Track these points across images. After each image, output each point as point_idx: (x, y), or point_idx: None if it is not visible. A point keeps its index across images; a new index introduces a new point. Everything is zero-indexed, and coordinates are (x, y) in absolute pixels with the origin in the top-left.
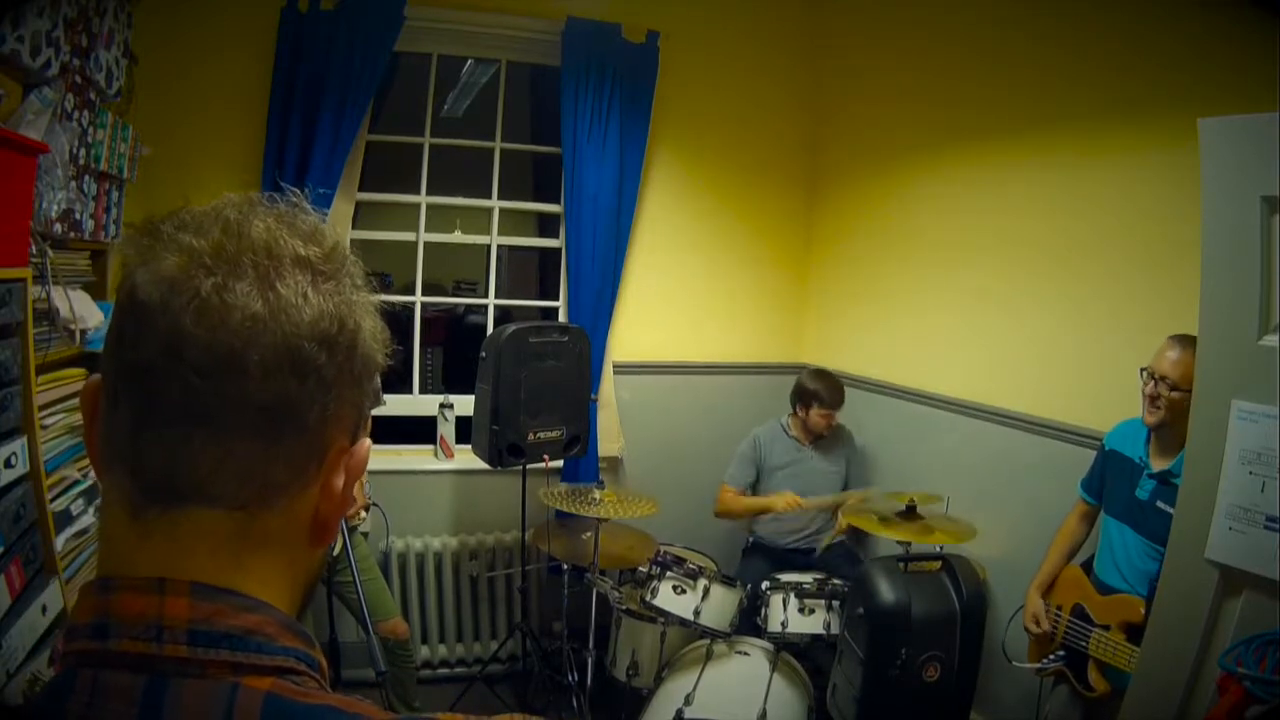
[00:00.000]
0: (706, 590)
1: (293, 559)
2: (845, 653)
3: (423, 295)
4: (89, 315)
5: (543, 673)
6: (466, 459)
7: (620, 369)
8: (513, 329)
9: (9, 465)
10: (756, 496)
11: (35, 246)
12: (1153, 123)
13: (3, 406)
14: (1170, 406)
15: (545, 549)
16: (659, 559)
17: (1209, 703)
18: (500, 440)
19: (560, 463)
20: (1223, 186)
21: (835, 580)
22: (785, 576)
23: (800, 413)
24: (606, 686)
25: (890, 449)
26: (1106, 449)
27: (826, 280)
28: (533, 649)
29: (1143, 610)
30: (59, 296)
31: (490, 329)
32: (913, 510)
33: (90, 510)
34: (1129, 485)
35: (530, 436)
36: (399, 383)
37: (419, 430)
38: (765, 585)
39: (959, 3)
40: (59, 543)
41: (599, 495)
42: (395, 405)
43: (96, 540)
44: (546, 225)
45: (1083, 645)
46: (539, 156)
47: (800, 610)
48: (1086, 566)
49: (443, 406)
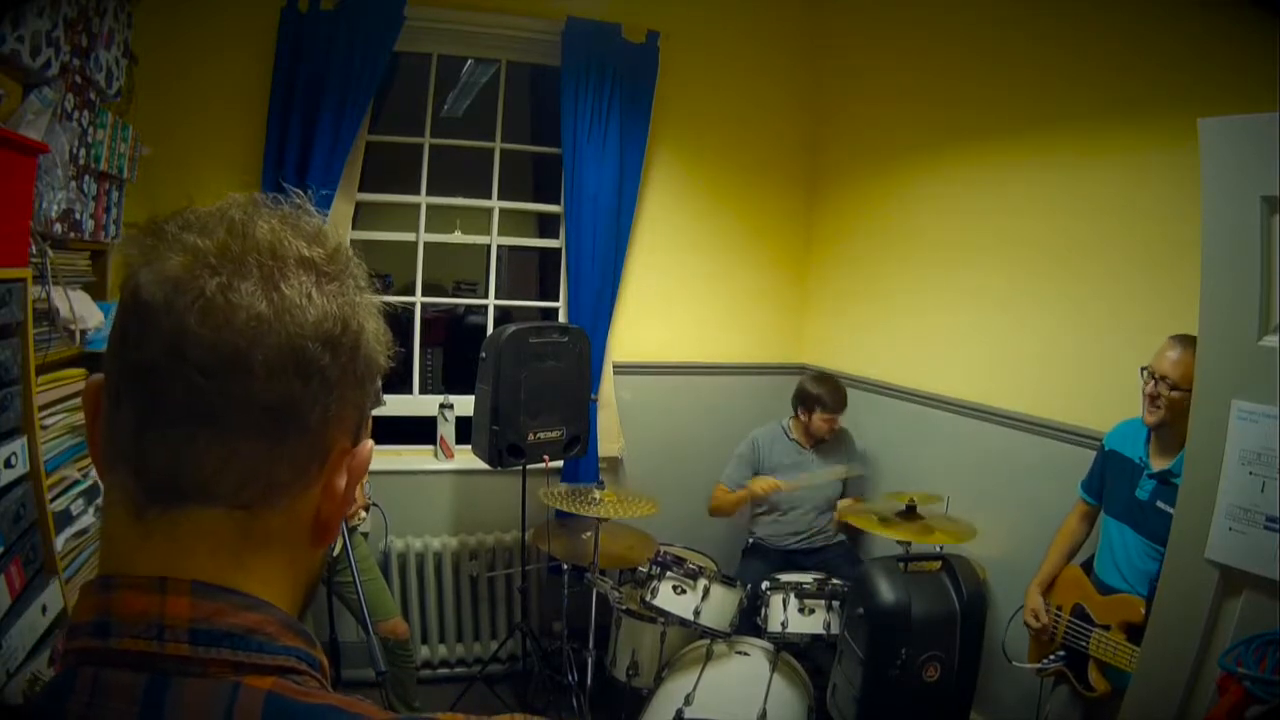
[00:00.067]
0: (706, 590)
1: (294, 558)
2: (845, 653)
3: (423, 296)
4: (89, 315)
5: (543, 673)
6: (466, 459)
7: (620, 369)
8: (513, 329)
9: (9, 465)
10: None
11: (35, 246)
12: (1153, 123)
13: (3, 406)
14: (1170, 406)
15: (545, 549)
16: (659, 559)
17: (1209, 703)
18: (500, 440)
19: (560, 463)
20: (1223, 186)
21: (835, 580)
22: (785, 576)
23: (803, 416)
24: (606, 686)
25: (890, 449)
26: (1106, 449)
27: (826, 280)
28: (533, 649)
29: (1143, 610)
30: (59, 296)
31: (490, 329)
32: (913, 510)
33: (90, 510)
34: (1129, 485)
35: (530, 437)
36: (399, 383)
37: (419, 430)
38: (765, 585)
39: (959, 3)
40: (59, 543)
41: (599, 495)
42: (395, 405)
43: (97, 540)
44: (546, 225)
45: (1083, 645)
46: (539, 156)
47: (800, 610)
48: (1087, 566)
49: (443, 407)
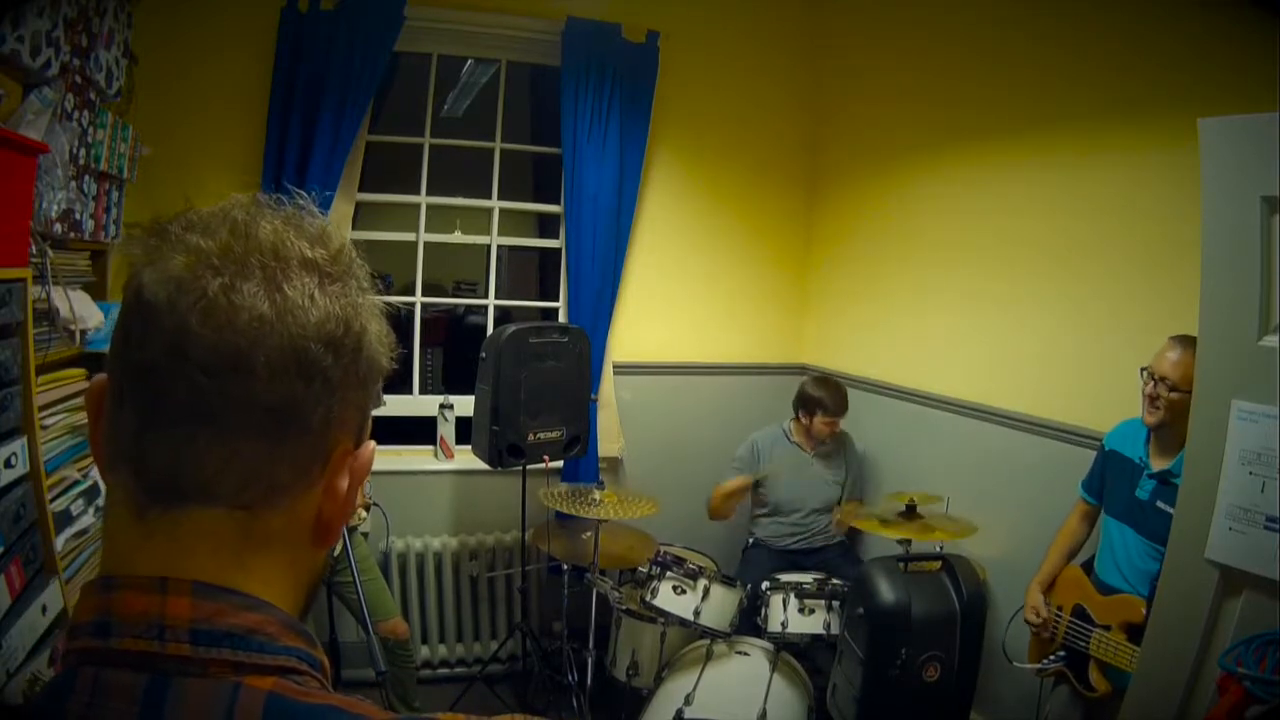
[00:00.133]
0: (706, 590)
1: (295, 559)
2: (845, 653)
3: (423, 296)
4: (89, 315)
5: (543, 673)
6: (466, 459)
7: (620, 369)
8: (513, 329)
9: (9, 465)
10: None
11: (35, 246)
12: (1153, 123)
13: (3, 406)
14: (1170, 407)
15: (545, 549)
16: (659, 559)
17: (1209, 703)
18: (500, 440)
19: (560, 463)
20: (1223, 186)
21: (835, 580)
22: (785, 576)
23: (804, 419)
24: (606, 686)
25: (890, 449)
26: (1106, 449)
27: (826, 280)
28: (533, 649)
29: (1143, 610)
30: (59, 296)
31: (490, 329)
32: (913, 510)
33: (90, 510)
34: (1129, 485)
35: (530, 437)
36: (399, 383)
37: (419, 430)
38: (765, 585)
39: (959, 3)
40: (59, 543)
41: (599, 495)
42: (395, 405)
43: (98, 540)
44: (546, 225)
45: (1083, 645)
46: (539, 156)
47: (800, 610)
48: (1087, 567)
49: (443, 407)
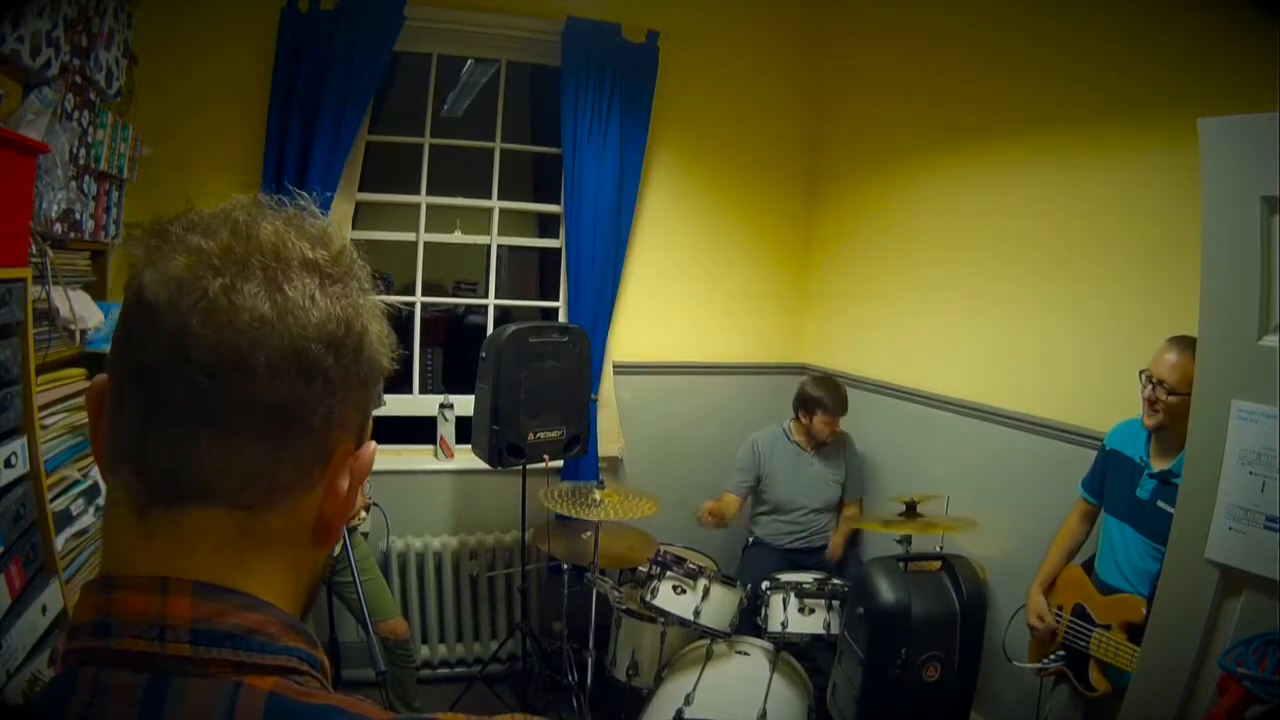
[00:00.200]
0: (706, 590)
1: (295, 559)
2: (845, 653)
3: (423, 295)
4: (89, 315)
5: (543, 673)
6: (466, 459)
7: (620, 369)
8: (513, 329)
9: (9, 465)
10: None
11: (35, 246)
12: (1153, 123)
13: (3, 406)
14: (1168, 410)
15: (545, 549)
16: (659, 559)
17: (1209, 703)
18: (500, 440)
19: (560, 463)
20: (1223, 186)
21: (835, 580)
22: (785, 576)
23: (804, 419)
24: (606, 686)
25: (890, 449)
26: (1107, 449)
27: (826, 280)
28: (533, 649)
29: (1144, 610)
30: (59, 296)
31: (490, 329)
32: (913, 510)
33: (90, 510)
34: (1129, 485)
35: (530, 436)
36: (399, 383)
37: (419, 430)
38: (765, 585)
39: (959, 3)
40: (59, 543)
41: (599, 495)
42: (395, 405)
43: (98, 540)
44: (546, 225)
45: (1084, 645)
46: (539, 156)
47: (800, 610)
48: (1087, 566)
49: (443, 406)
